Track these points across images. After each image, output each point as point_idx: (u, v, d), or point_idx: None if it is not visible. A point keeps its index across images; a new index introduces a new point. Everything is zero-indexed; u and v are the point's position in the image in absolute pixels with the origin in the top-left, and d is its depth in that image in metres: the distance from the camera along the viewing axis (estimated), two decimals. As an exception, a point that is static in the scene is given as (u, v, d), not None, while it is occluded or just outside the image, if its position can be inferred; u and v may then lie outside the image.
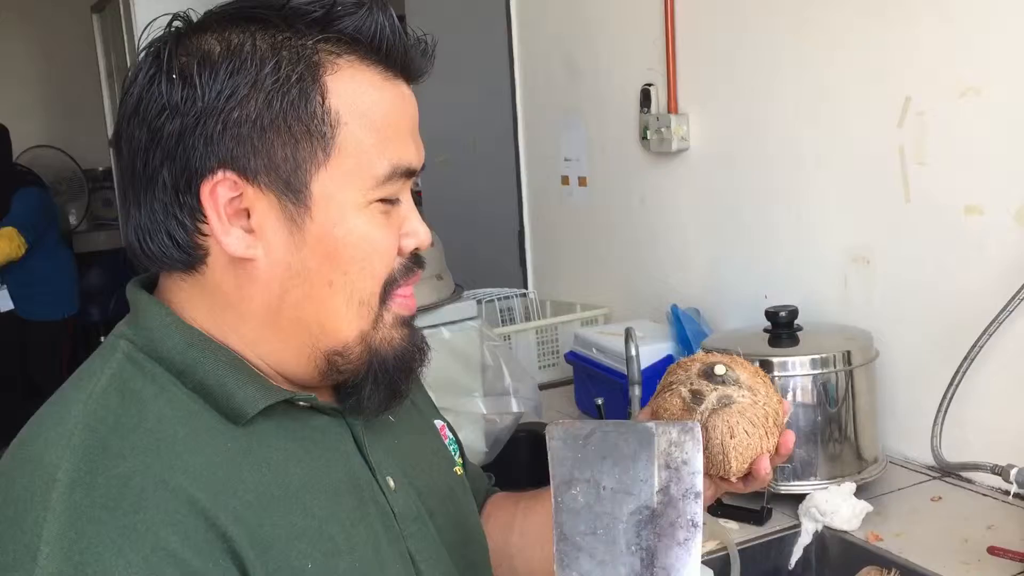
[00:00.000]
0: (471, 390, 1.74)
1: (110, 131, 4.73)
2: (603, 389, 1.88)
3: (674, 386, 0.86)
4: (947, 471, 1.52)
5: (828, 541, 1.41)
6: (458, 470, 0.96)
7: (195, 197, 0.73)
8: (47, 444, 0.69)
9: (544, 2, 2.48)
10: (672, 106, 2.05)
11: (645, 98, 2.11)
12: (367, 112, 0.75)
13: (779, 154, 1.83)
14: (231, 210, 0.74)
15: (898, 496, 1.50)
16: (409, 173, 0.78)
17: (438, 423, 1.00)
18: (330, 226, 0.75)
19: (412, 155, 0.79)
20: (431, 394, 1.04)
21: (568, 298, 2.49)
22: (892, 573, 1.19)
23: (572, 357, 2.07)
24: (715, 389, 0.84)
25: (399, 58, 0.77)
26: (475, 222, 2.99)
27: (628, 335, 1.71)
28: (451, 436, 1.01)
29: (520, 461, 1.95)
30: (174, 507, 0.67)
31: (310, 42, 0.74)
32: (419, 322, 1.71)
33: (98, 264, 5.08)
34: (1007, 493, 1.41)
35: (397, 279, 0.79)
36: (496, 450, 1.79)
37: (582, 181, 2.42)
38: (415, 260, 0.82)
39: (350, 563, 0.74)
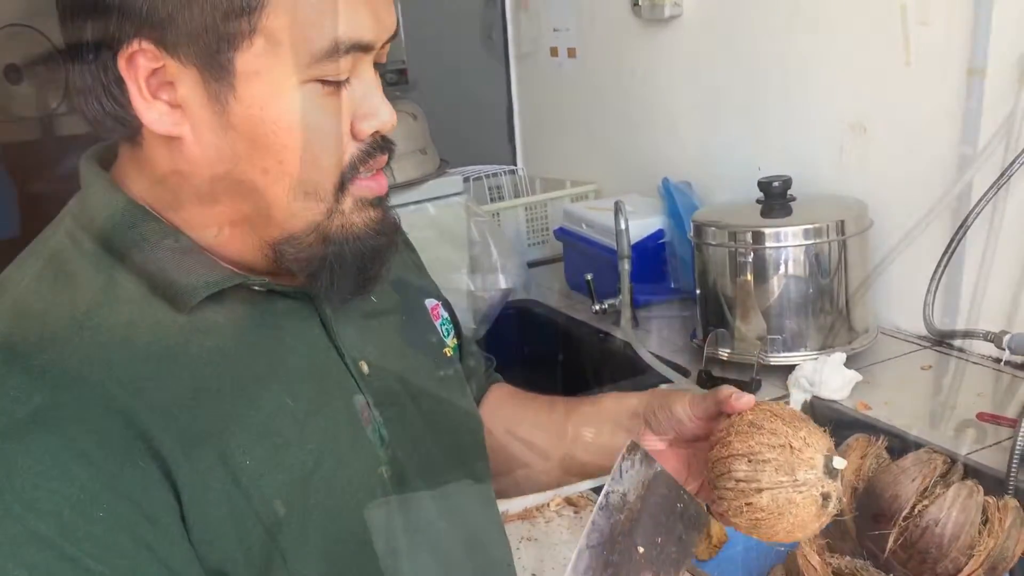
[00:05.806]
0: (458, 266, 1.72)
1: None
2: (593, 265, 1.86)
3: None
4: (940, 339, 1.51)
5: (817, 411, 1.42)
6: (448, 351, 0.92)
7: (117, 65, 0.66)
8: None
9: None
10: (664, -31, 1.96)
11: (636, -39, 2.02)
12: None
13: (774, 18, 1.75)
14: (155, 82, 0.66)
15: (888, 366, 1.50)
16: (361, 48, 0.68)
17: (431, 302, 0.94)
18: (257, 108, 0.66)
19: (365, 28, 0.68)
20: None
21: (558, 174, 2.45)
22: (880, 440, 1.19)
23: (561, 233, 2.04)
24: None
25: None
26: (461, 95, 2.91)
27: (617, 208, 1.68)
28: (444, 316, 0.95)
29: (509, 337, 1.94)
30: (91, 404, 0.62)
31: None
32: (402, 198, 1.69)
33: (79, 148, 5.00)
34: (999, 361, 1.41)
35: (356, 167, 0.71)
36: (485, 326, 1.78)
37: (571, 52, 2.34)
38: (381, 143, 0.72)
39: (300, 455, 0.70)
